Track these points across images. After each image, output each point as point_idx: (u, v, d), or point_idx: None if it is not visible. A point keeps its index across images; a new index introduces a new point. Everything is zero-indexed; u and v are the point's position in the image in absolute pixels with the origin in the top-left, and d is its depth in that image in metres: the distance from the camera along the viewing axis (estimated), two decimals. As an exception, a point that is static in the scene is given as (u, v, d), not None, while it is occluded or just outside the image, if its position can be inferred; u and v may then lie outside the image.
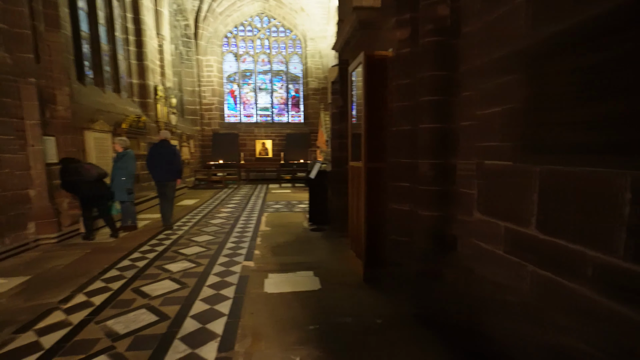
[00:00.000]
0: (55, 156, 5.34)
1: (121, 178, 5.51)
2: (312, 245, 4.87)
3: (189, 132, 13.49)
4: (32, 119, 4.77)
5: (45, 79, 5.24)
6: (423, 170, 3.00)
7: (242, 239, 5.20)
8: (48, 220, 4.89)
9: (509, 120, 2.24)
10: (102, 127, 6.61)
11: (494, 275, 2.42)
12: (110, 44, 8.41)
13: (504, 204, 2.28)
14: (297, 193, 10.89)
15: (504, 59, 2.26)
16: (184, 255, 4.37)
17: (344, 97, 5.25)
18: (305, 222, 6.37)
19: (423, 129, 2.99)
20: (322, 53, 15.78)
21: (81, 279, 3.55)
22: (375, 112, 3.41)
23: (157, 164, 5.69)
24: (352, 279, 3.56)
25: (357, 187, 3.72)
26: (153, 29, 9.93)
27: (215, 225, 6.19)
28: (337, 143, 5.45)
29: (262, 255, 4.36)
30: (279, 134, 15.87)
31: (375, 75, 3.38)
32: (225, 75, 16.01)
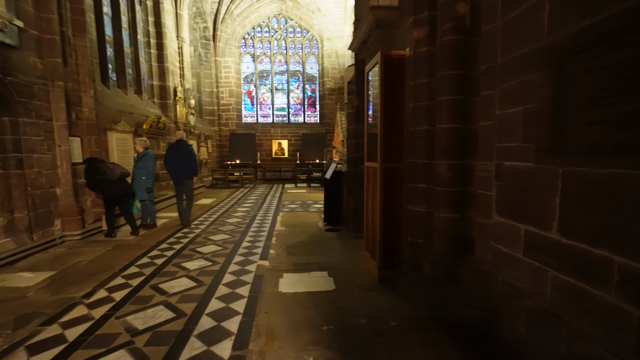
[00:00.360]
0: (80, 156, 5.55)
1: (141, 177, 5.66)
2: (327, 245, 4.86)
3: (207, 133, 13.74)
4: (60, 120, 4.97)
5: (72, 82, 5.45)
6: (440, 171, 2.94)
7: (258, 238, 5.25)
8: (73, 218, 5.09)
9: (530, 119, 2.17)
10: (124, 128, 6.82)
11: (513, 279, 2.35)
12: (132, 47, 8.67)
13: (524, 206, 2.22)
14: (312, 193, 10.92)
15: (525, 57, 2.20)
16: (201, 253, 4.46)
17: (360, 97, 5.22)
18: (321, 222, 6.38)
19: (441, 129, 2.94)
20: (339, 53, 15.76)
21: (103, 275, 3.67)
22: (392, 112, 3.37)
23: (174, 162, 5.95)
24: (367, 280, 3.54)
25: (373, 188, 3.69)
26: (173, 31, 10.17)
27: (232, 224, 6.27)
28: (353, 143, 5.43)
29: (277, 255, 4.39)
30: (295, 134, 15.95)
31: (392, 75, 3.34)
32: (243, 76, 16.22)
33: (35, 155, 4.64)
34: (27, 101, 4.53)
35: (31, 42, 4.65)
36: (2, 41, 4.17)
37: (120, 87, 7.97)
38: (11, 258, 4.07)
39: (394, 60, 3.35)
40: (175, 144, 6.09)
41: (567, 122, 1.92)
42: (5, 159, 4.35)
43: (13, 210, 4.40)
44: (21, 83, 4.45)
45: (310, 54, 16.55)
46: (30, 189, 4.53)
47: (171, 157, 5.96)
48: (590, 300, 1.69)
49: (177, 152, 5.95)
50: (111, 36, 7.72)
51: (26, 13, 4.59)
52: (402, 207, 3.49)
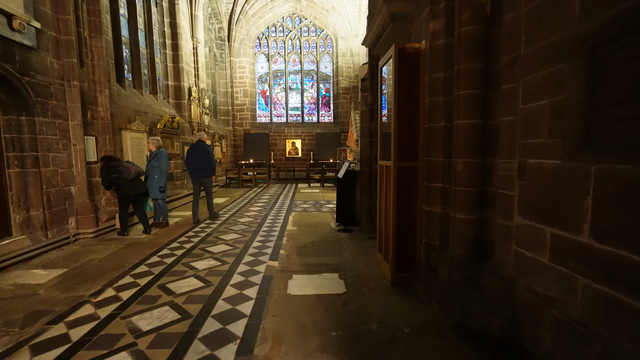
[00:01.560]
0: (95, 155, 5.62)
1: (154, 176, 5.69)
2: (339, 246, 4.74)
3: (221, 132, 13.83)
4: (75, 119, 5.04)
5: (88, 82, 5.52)
6: (458, 169, 2.78)
7: (269, 238, 5.17)
8: (87, 216, 5.14)
9: (559, 113, 1.99)
10: (139, 127, 6.88)
11: (538, 286, 2.17)
12: (148, 48, 8.77)
13: (551, 207, 2.04)
14: (325, 193, 10.81)
15: (554, 46, 2.02)
16: (211, 253, 4.41)
17: (374, 94, 5.08)
18: (333, 223, 6.26)
19: (459, 125, 2.77)
20: (353, 51, 15.60)
21: (113, 273, 3.67)
22: (407, 108, 3.22)
23: (193, 162, 6.28)
24: (380, 284, 3.40)
25: (387, 187, 3.55)
26: (188, 32, 10.25)
27: (243, 223, 6.23)
28: (366, 142, 5.29)
29: (287, 256, 4.30)
30: (309, 134, 15.88)
31: (407, 69, 3.19)
32: (257, 76, 16.27)
33: (52, 154, 4.71)
34: (44, 101, 4.60)
35: (48, 43, 4.72)
36: (20, 42, 4.24)
37: (136, 87, 8.07)
38: (27, 255, 4.13)
39: (409, 54, 3.20)
40: (195, 144, 6.38)
41: (601, 116, 1.74)
42: (22, 158, 4.42)
43: (29, 208, 4.48)
44: (39, 83, 4.52)
45: (324, 53, 16.44)
46: (46, 187, 4.59)
47: (191, 157, 6.27)
48: (630, 313, 1.51)
49: (197, 151, 6.25)
50: (127, 37, 7.83)
51: (44, 14, 4.66)
52: (417, 207, 3.34)
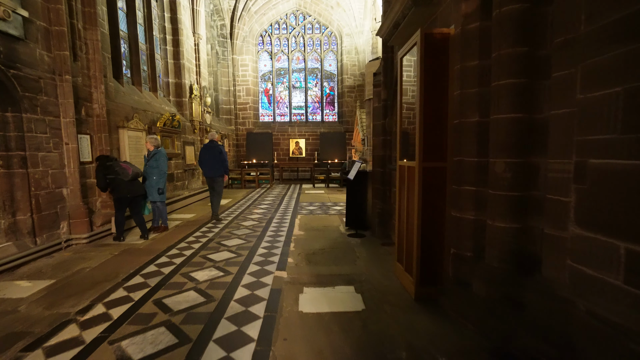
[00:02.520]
0: (90, 154, 5.28)
1: (153, 177, 5.34)
2: (352, 253, 4.38)
3: (224, 132, 13.49)
4: (68, 116, 4.69)
5: (82, 77, 5.18)
6: (498, 170, 2.41)
7: (275, 244, 4.82)
8: (81, 220, 4.80)
9: (636, 103, 1.62)
10: (137, 126, 6.54)
11: (606, 311, 1.80)
12: (148, 44, 8.44)
13: (625, 217, 1.67)
14: (331, 194, 10.45)
15: (627, 21, 1.65)
16: (213, 261, 4.05)
17: (388, 89, 4.71)
18: (342, 227, 5.89)
19: (498, 120, 2.41)
20: (359, 49, 15.23)
21: (105, 285, 3.31)
22: (433, 102, 2.86)
23: (210, 161, 6.40)
24: (402, 298, 3.03)
25: (409, 190, 3.18)
26: (190, 27, 9.92)
27: (247, 227, 5.88)
28: (379, 140, 4.92)
29: (296, 264, 3.94)
30: (313, 133, 15.52)
31: (434, 57, 2.83)
32: (260, 74, 15.93)
33: (41, 154, 4.37)
34: (32, 96, 4.26)
35: (38, 34, 4.38)
36: (4, 31, 3.90)
37: (135, 84, 7.74)
38: (12, 264, 3.79)
39: (437, 41, 2.83)
40: (209, 145, 6.52)
41: None
42: (8, 158, 4.08)
43: (15, 212, 4.13)
44: (26, 77, 4.18)
45: (328, 51, 16.08)
46: (35, 190, 4.25)
47: (206, 156, 6.43)
48: None
49: (212, 151, 6.42)
50: (126, 32, 7.50)
51: (32, 3, 4.32)
52: (444, 212, 2.97)
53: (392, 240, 4.80)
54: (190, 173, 9.63)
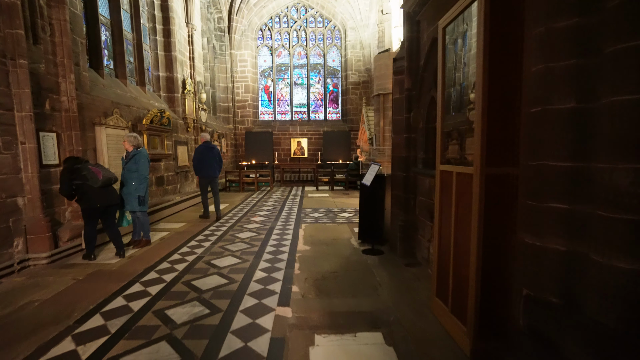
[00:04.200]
0: (56, 156, 4.45)
1: (132, 183, 4.51)
2: (370, 277, 3.55)
3: (221, 131, 12.67)
4: (24, 110, 3.87)
5: (46, 64, 4.35)
6: (619, 183, 1.57)
7: (276, 263, 3.99)
8: (40, 236, 3.97)
9: None
10: (118, 123, 5.72)
11: None
12: (134, 33, 7.61)
13: None
14: (337, 197, 9.61)
15: None
16: (198, 291, 3.22)
17: (414, 76, 3.88)
18: (354, 239, 5.06)
19: (617, 104, 1.57)
20: (364, 43, 14.41)
21: (49, 331, 2.48)
22: (499, 83, 2.03)
23: (211, 161, 6.44)
24: (451, 355, 2.20)
25: (458, 205, 2.35)
26: (182, 17, 9.09)
27: (243, 240, 5.05)
28: (402, 139, 4.08)
29: (303, 296, 3.11)
30: (316, 132, 14.70)
31: (501, 20, 2.00)
32: (260, 71, 15.11)
33: (-12, 155, 3.55)
34: (-23, 84, 3.44)
35: (-17, 8, 3.56)
36: None
37: (119, 77, 6.91)
38: (-59, 296, 2.97)
39: None
40: (207, 145, 6.54)
41: None
42: (-59, 160, 3.26)
43: (-50, 229, 3.32)
44: (-32, 60, 3.36)
45: (332, 46, 15.26)
46: (-22, 200, 3.43)
47: (208, 156, 6.43)
48: None
49: (212, 152, 6.48)
50: (108, 17, 6.67)
51: (-23, -30, 3.50)
52: (512, 237, 2.13)
53: (417, 260, 3.97)
54: (183, 176, 8.81)
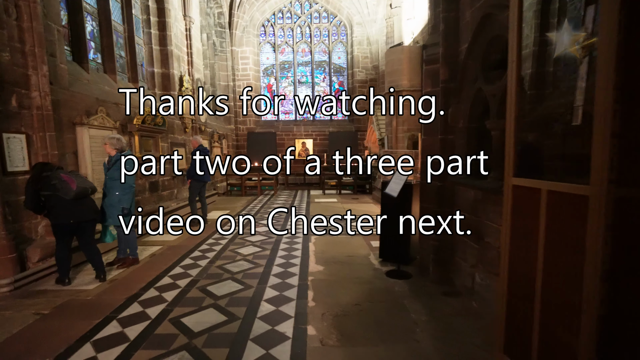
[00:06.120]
0: (25, 161, 3.78)
1: (115, 193, 3.85)
2: (402, 313, 2.86)
3: (222, 131, 12.00)
4: (-20, 106, 3.21)
5: (11, 52, 3.69)
6: None
7: (285, 291, 3.31)
8: (1, 258, 3.30)
9: None
10: (103, 122, 5.05)
11: None
12: (126, 24, 6.94)
13: None
14: (346, 202, 8.92)
15: None
16: (188, 333, 2.54)
17: (452, 65, 3.20)
18: (373, 256, 4.38)
19: None
20: (371, 39, 13.71)
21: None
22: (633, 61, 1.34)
23: (207, 167, 6.29)
24: None
25: (548, 232, 1.66)
26: (179, 9, 8.42)
27: (245, 258, 4.37)
28: (436, 141, 3.39)
29: (321, 342, 2.42)
30: (321, 133, 14.02)
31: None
32: (262, 68, 14.43)
33: None
34: None
35: None
36: None
37: (108, 72, 6.24)
38: None
39: None
40: (201, 149, 6.33)
41: None
42: None
43: None
44: None
45: (337, 42, 14.57)
46: None
47: (206, 161, 6.27)
48: None
49: (208, 156, 6.36)
50: (94, 6, 6.01)
51: None
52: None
53: (456, 288, 3.28)
54: (180, 180, 8.14)
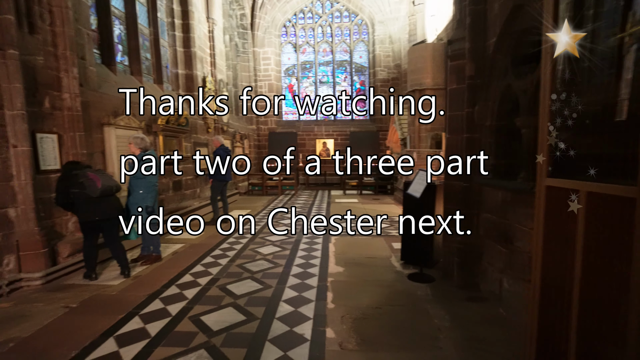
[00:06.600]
0: (57, 160, 3.94)
1: (138, 191, 3.94)
2: (425, 318, 2.76)
3: (244, 131, 12.15)
4: (15, 108, 3.36)
5: (45, 56, 3.85)
6: None
7: (304, 292, 3.27)
8: (34, 252, 3.45)
9: None
10: (130, 123, 5.20)
11: None
12: (152, 27, 7.13)
13: None
14: (367, 203, 8.81)
15: None
16: (207, 331, 2.55)
17: (478, 60, 3.06)
18: (394, 258, 4.27)
19: None
20: (393, 37, 13.49)
21: (9, 398, 1.88)
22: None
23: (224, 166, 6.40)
24: None
25: (587, 238, 1.53)
26: (202, 11, 8.58)
27: (265, 258, 4.37)
28: (461, 140, 3.26)
29: (340, 346, 2.37)
30: (342, 133, 13.94)
31: None
32: (283, 69, 14.51)
33: (-28, 161, 3.05)
34: (-40, 78, 2.94)
35: (-31, -9, 3.07)
36: None
37: (134, 74, 6.44)
38: None
39: None
40: (224, 149, 6.48)
41: None
42: None
43: None
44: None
45: (359, 41, 14.44)
46: (-43, 213, 2.93)
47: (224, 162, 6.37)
48: None
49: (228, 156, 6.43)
50: (122, 10, 6.21)
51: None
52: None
53: (481, 293, 3.14)
54: (203, 179, 8.29)
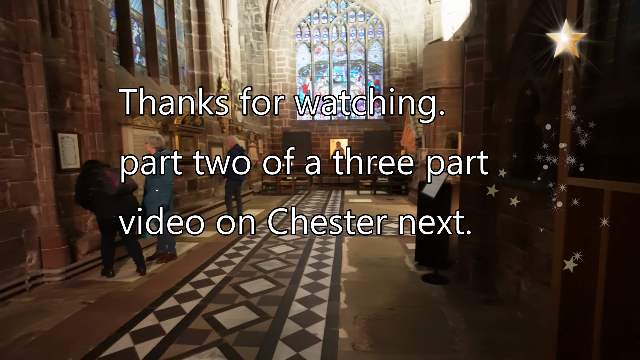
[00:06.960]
0: (77, 159, 4.06)
1: (154, 190, 4.01)
2: (439, 320, 2.70)
3: (258, 131, 12.24)
4: (38, 108, 3.47)
5: (67, 59, 3.96)
6: None
7: (316, 292, 3.25)
8: (55, 249, 3.56)
9: None
10: (147, 123, 5.30)
11: None
12: (168, 29, 7.27)
13: None
14: (380, 203, 8.73)
15: None
16: (220, 329, 2.57)
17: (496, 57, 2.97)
18: (409, 260, 4.21)
19: None
20: (409, 36, 13.34)
21: (29, 389, 1.94)
22: None
23: (243, 165, 6.39)
24: None
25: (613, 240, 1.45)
26: (218, 12, 8.69)
27: (279, 257, 4.38)
28: (478, 138, 3.17)
29: (353, 346, 2.34)
30: (356, 132, 13.86)
31: None
32: (298, 69, 14.55)
33: (-3, 160, 3.16)
34: (-15, 80, 3.06)
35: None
36: None
37: (151, 75, 6.58)
38: None
39: None
40: (238, 148, 6.39)
41: None
42: (-58, 166, 2.90)
43: (-50, 244, 2.94)
44: (-23, 53, 2.98)
45: (374, 40, 14.34)
46: (-17, 210, 3.04)
47: (245, 160, 6.42)
48: None
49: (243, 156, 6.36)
50: (140, 12, 6.35)
51: (-11, -47, 3.13)
52: None
53: (498, 296, 3.05)
54: (218, 179, 8.39)
